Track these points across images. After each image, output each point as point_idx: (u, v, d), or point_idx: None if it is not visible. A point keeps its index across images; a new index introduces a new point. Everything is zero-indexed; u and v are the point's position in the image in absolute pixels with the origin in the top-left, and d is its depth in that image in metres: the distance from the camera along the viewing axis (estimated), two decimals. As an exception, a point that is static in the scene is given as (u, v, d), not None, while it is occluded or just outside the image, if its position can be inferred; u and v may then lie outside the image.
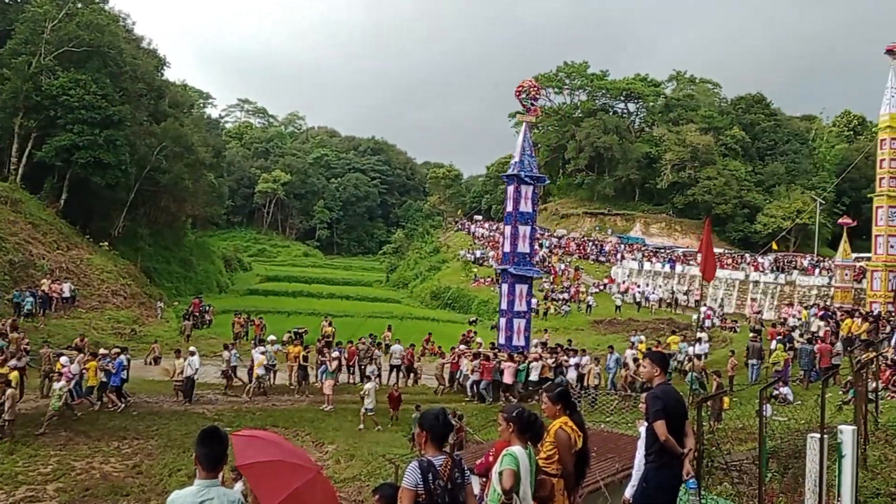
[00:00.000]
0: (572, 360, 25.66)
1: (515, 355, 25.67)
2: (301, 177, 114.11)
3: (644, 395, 6.65)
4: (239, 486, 11.74)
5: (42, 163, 43.23)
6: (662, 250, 65.13)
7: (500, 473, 5.27)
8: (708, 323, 38.94)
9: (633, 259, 60.83)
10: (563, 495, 5.75)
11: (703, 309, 40.33)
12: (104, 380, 20.97)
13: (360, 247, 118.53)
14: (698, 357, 25.55)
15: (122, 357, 21.82)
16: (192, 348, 24.60)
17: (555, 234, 77.41)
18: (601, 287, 54.70)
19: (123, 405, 21.21)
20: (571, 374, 24.92)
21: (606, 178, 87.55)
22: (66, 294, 33.85)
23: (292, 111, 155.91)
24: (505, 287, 29.52)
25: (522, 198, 28.96)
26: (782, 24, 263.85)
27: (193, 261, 61.35)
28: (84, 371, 20.73)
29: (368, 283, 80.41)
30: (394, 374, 27.74)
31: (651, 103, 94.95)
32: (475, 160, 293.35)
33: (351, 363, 27.33)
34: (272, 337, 29.22)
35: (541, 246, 70.52)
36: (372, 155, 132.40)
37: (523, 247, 29.01)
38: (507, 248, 29.78)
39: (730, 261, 55.12)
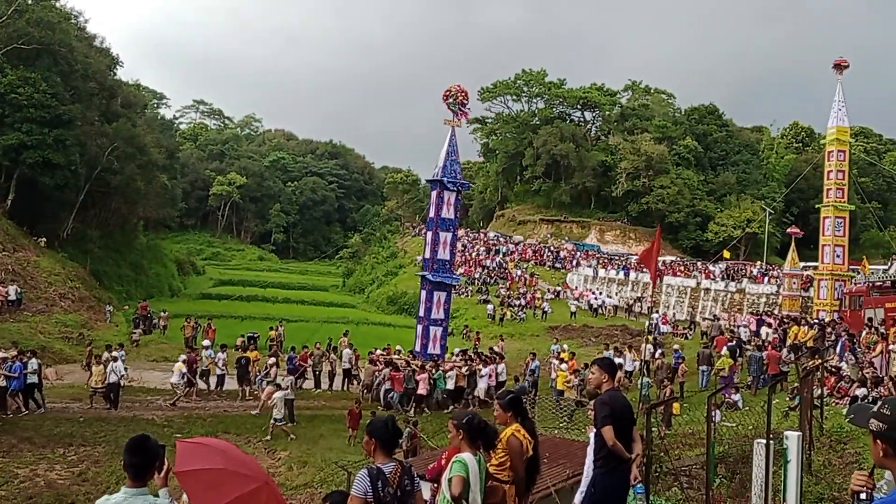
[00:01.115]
0: (485, 370, 25.13)
1: (427, 364, 25.25)
2: (257, 180, 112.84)
3: (592, 401, 6.71)
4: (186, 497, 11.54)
5: (-12, 162, 42.14)
6: (617, 257, 65.92)
7: (450, 480, 5.27)
8: (665, 328, 39.46)
9: (588, 266, 61.44)
10: (514, 501, 5.77)
11: (655, 316, 40.90)
12: (2, 384, 20.11)
13: (317, 251, 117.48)
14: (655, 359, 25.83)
15: (34, 361, 21.06)
16: (114, 353, 23.72)
17: (511, 241, 77.80)
18: (556, 293, 55.13)
19: (28, 411, 20.43)
20: (482, 385, 24.49)
21: (563, 186, 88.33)
22: (12, 297, 33.01)
23: (248, 113, 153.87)
24: (423, 294, 28.72)
25: (445, 204, 28.25)
26: (734, 37, 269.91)
27: (145, 264, 60.25)
28: None
29: (324, 287, 79.83)
30: (345, 379, 27.65)
31: (607, 112, 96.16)
32: (433, 166, 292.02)
33: (304, 368, 27.10)
34: (206, 342, 28.38)
35: (497, 252, 70.87)
36: (329, 159, 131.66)
37: (443, 253, 28.27)
38: (427, 255, 29.08)
39: (682, 268, 56.06)
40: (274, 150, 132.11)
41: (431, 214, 28.92)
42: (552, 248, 73.36)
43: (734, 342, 27.00)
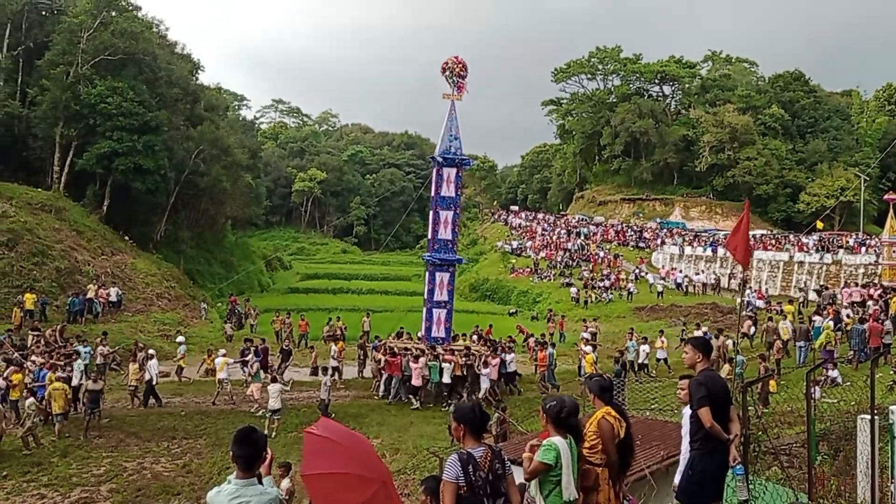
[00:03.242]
0: (485, 369, 23.37)
1: (427, 350, 24.47)
2: (336, 174, 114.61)
3: (686, 381, 6.54)
4: (286, 482, 11.83)
5: (84, 171, 44.02)
6: (704, 234, 64.27)
7: (531, 460, 5.32)
8: (760, 303, 38.26)
9: (673, 244, 60.10)
10: (608, 484, 5.69)
11: (748, 292, 39.70)
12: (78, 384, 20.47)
13: (398, 242, 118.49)
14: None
15: (79, 363, 21.39)
16: (150, 351, 23.79)
17: (593, 222, 76.82)
18: (640, 273, 54.12)
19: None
20: (485, 385, 22.82)
21: (643, 163, 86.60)
22: (113, 298, 34.53)
23: (325, 109, 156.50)
24: (427, 275, 27.50)
25: (444, 181, 26.80)
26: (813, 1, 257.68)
27: (234, 261, 62.03)
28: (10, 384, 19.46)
29: (407, 277, 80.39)
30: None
31: (687, 85, 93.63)
32: (509, 150, 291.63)
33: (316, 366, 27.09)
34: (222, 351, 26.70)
35: (578, 234, 70.08)
36: (406, 149, 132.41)
37: (445, 233, 26.88)
38: (429, 235, 27.96)
39: (773, 242, 54.19)
40: (351, 144, 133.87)
41: (432, 193, 27.59)
42: (635, 228, 72.08)
43: (834, 315, 25.98)
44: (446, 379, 23.13)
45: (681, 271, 52.08)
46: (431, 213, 27.34)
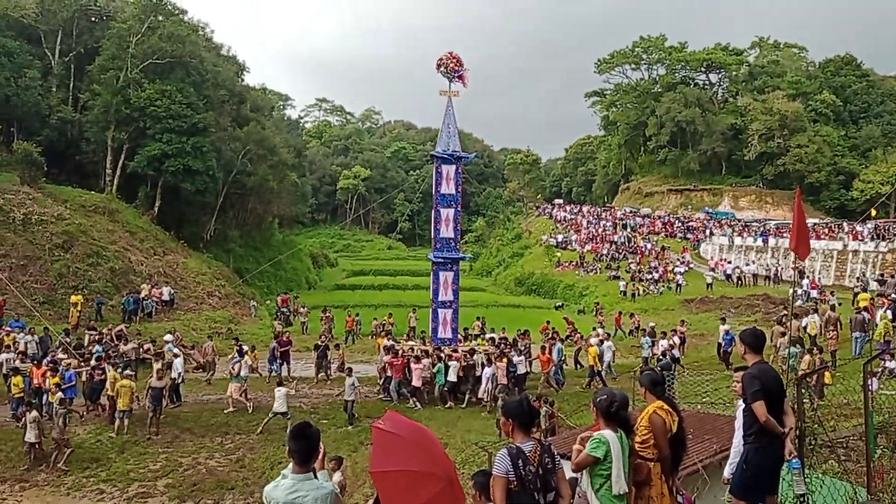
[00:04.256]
0: (487, 371, 22.29)
1: (431, 352, 24.16)
2: (380, 171, 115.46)
3: (740, 373, 6.43)
4: (337, 476, 11.95)
5: (135, 173, 45.05)
6: (754, 223, 63.04)
7: (579, 452, 5.30)
8: (814, 293, 37.39)
9: (722, 234, 59.10)
10: (660, 479, 5.64)
11: (805, 281, 38.83)
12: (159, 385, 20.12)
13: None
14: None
15: (109, 369, 20.97)
16: (175, 350, 23.71)
17: (640, 214, 75.88)
18: (688, 264, 53.29)
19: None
20: (485, 385, 21.87)
21: (690, 153, 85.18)
22: (166, 297, 35.27)
23: (368, 107, 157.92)
24: (431, 275, 27.10)
25: (444, 178, 26.23)
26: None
27: (282, 259, 62.79)
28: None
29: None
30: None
31: (734, 72, 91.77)
32: (553, 144, 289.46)
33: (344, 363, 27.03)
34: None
35: (625, 226, 69.32)
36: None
37: (447, 231, 26.29)
38: (432, 234, 27.42)
39: (826, 231, 52.94)
40: (394, 140, 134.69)
41: (433, 191, 27.01)
42: (683, 219, 71.04)
43: (890, 304, 25.22)
44: (452, 377, 22.80)
45: (730, 262, 51.18)
46: (433, 211, 26.92)
